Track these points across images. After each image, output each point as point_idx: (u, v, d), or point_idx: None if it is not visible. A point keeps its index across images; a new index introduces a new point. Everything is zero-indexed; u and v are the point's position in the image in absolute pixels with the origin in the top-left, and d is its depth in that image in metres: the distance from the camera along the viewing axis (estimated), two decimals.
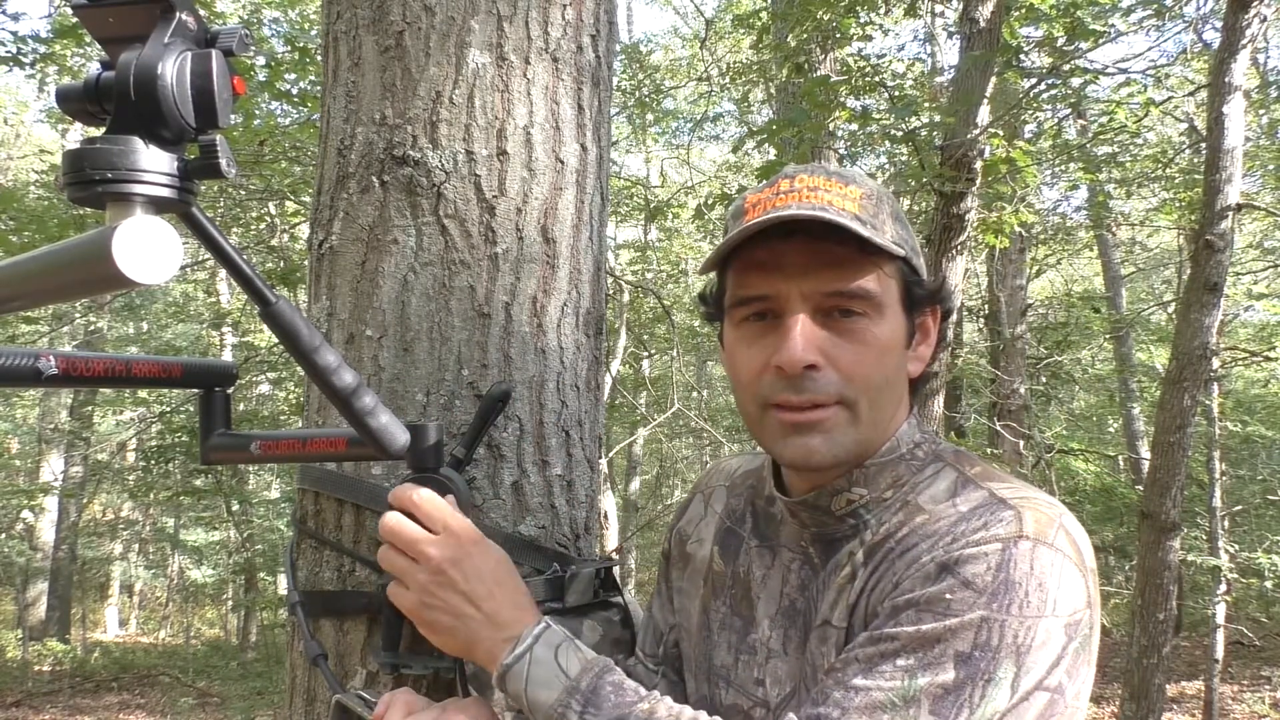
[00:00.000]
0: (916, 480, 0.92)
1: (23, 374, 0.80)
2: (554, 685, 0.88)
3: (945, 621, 0.78)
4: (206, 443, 1.01)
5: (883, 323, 0.90)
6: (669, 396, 9.63)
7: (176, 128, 0.60)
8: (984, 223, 5.50)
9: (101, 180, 0.58)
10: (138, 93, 0.58)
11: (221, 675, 12.00)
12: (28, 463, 16.32)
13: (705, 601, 1.06)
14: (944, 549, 0.82)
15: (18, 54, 6.25)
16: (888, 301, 0.91)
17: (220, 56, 0.60)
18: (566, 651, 0.91)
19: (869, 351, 0.89)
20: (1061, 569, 0.80)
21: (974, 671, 0.77)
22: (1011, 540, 0.80)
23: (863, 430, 0.91)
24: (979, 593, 0.78)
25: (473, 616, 0.92)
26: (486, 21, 1.27)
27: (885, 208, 0.92)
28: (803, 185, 0.91)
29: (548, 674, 0.88)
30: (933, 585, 0.80)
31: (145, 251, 0.56)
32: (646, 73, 11.37)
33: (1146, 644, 4.98)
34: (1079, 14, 5.07)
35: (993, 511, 0.83)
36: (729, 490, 1.12)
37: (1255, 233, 11.81)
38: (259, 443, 1.00)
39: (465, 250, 1.24)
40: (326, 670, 1.16)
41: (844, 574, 0.91)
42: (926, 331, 0.98)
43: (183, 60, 0.59)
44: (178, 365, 0.96)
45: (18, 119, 15.68)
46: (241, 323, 12.06)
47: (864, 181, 0.94)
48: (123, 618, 18.22)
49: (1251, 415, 10.59)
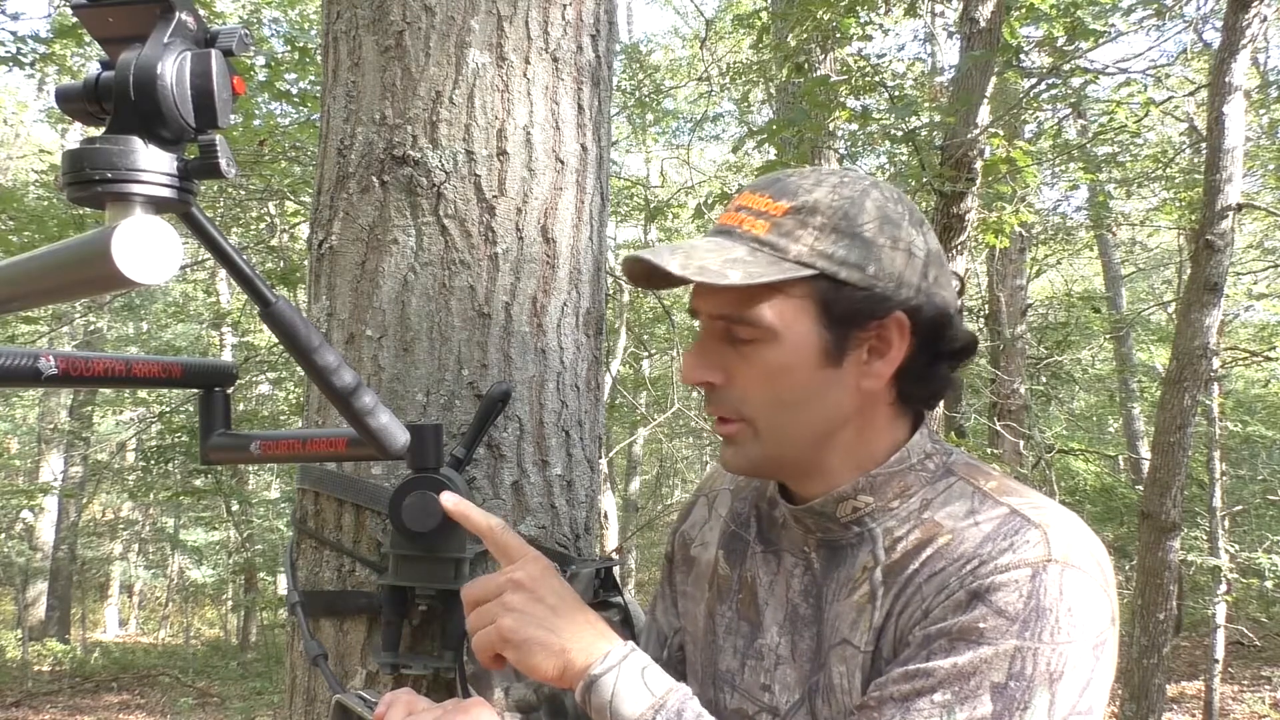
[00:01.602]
0: (929, 496, 0.92)
1: (23, 374, 0.80)
2: (640, 702, 0.88)
3: (979, 651, 0.79)
4: (206, 443, 1.01)
5: (777, 346, 0.89)
6: (669, 396, 9.64)
7: (176, 128, 0.60)
8: (984, 223, 5.50)
9: (101, 180, 0.58)
10: (137, 92, 0.58)
11: (221, 675, 12.01)
12: (27, 463, 16.32)
13: (710, 606, 1.06)
14: (973, 574, 0.83)
15: (17, 54, 6.25)
16: (786, 324, 0.89)
17: (220, 56, 0.60)
18: (653, 673, 0.91)
19: (757, 374, 0.91)
20: (1088, 591, 0.82)
21: (1010, 703, 0.78)
22: (1040, 565, 0.82)
23: (767, 447, 0.93)
24: (1011, 621, 0.80)
25: (563, 629, 0.91)
26: (486, 21, 1.27)
27: (816, 220, 0.88)
28: (738, 203, 0.94)
29: (635, 690, 0.89)
30: (964, 615, 0.81)
31: (144, 251, 0.56)
32: (646, 73, 11.37)
33: (1146, 644, 4.98)
34: (1079, 14, 5.07)
35: (1018, 532, 0.85)
36: (733, 494, 1.12)
37: (1255, 233, 11.81)
38: (259, 443, 0.99)
39: (465, 250, 1.24)
40: (326, 670, 1.16)
41: (862, 593, 0.91)
42: (886, 342, 0.91)
43: (182, 60, 0.59)
44: (178, 365, 0.97)
45: (17, 119, 15.68)
46: (241, 323, 12.06)
47: (809, 190, 0.90)
48: (123, 618, 18.23)
49: (1251, 415, 10.60)
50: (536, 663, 0.90)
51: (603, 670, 0.89)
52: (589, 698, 0.89)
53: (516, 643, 0.90)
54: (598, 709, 0.89)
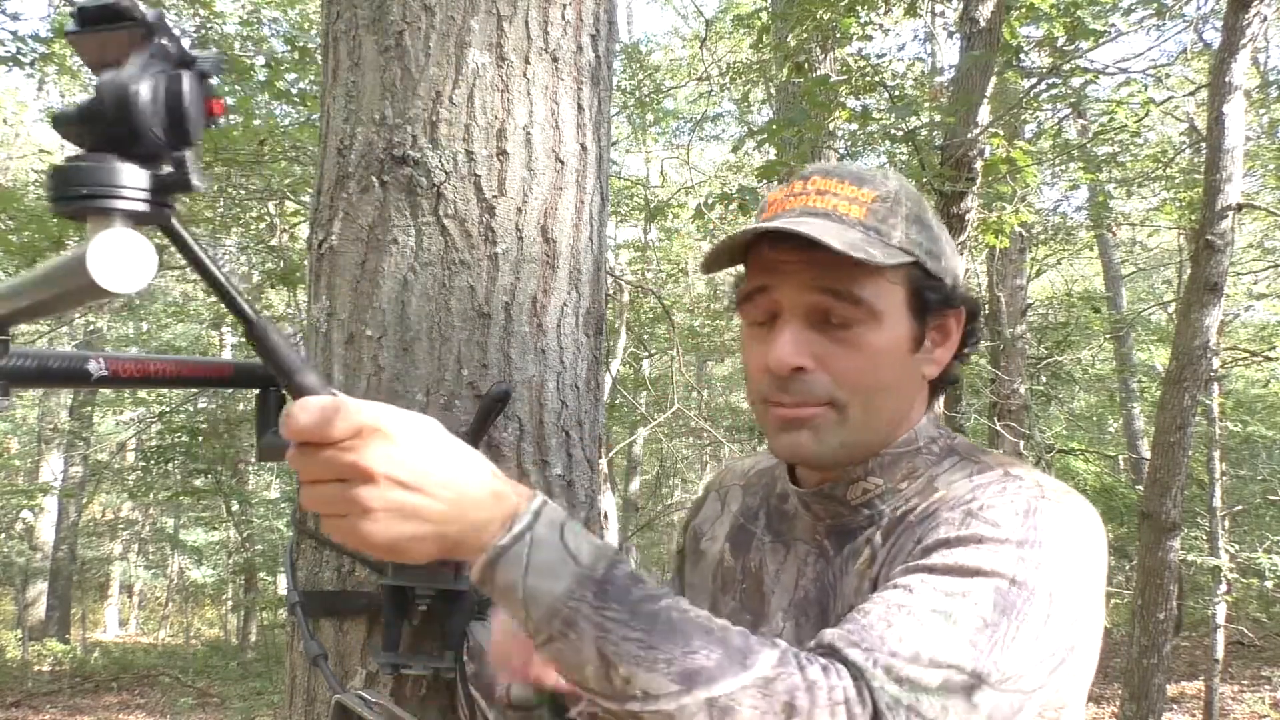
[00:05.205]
0: (934, 472, 0.94)
1: (74, 375, 0.85)
2: (561, 573, 0.71)
3: (980, 551, 0.79)
4: (261, 441, 1.04)
5: (879, 329, 0.90)
6: (669, 396, 9.63)
7: (150, 145, 0.62)
8: (984, 223, 5.50)
9: (80, 196, 0.61)
10: (113, 111, 0.61)
11: (221, 675, 12.00)
12: (27, 463, 16.32)
13: (714, 597, 1.06)
14: (967, 503, 0.84)
15: (17, 54, 6.25)
16: (886, 307, 0.90)
17: (193, 77, 0.63)
18: (574, 532, 0.73)
19: (861, 357, 0.90)
20: (1082, 519, 0.83)
21: (1009, 608, 0.76)
22: (1035, 495, 0.83)
23: (851, 432, 0.92)
24: (1010, 532, 0.80)
25: (437, 510, 0.70)
26: (486, 21, 1.27)
27: (902, 209, 0.92)
28: (813, 188, 0.92)
29: (553, 558, 0.71)
30: (962, 529, 0.81)
31: (119, 262, 0.60)
32: (646, 73, 11.37)
33: (1146, 644, 4.98)
34: (1079, 14, 5.07)
35: (1011, 480, 0.86)
36: (744, 489, 1.13)
37: (1255, 233, 11.80)
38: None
39: (465, 250, 1.24)
40: (326, 670, 1.16)
41: (863, 559, 0.92)
42: (946, 333, 0.97)
43: (157, 80, 0.62)
44: (229, 366, 1.00)
45: (17, 119, 15.67)
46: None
47: (882, 182, 0.93)
48: (122, 618, 18.23)
49: (1252, 415, 10.59)
50: (412, 556, 0.71)
51: (509, 540, 0.71)
52: (491, 576, 0.72)
53: (384, 548, 0.70)
54: (504, 590, 0.72)
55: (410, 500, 0.69)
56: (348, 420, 0.68)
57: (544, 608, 0.71)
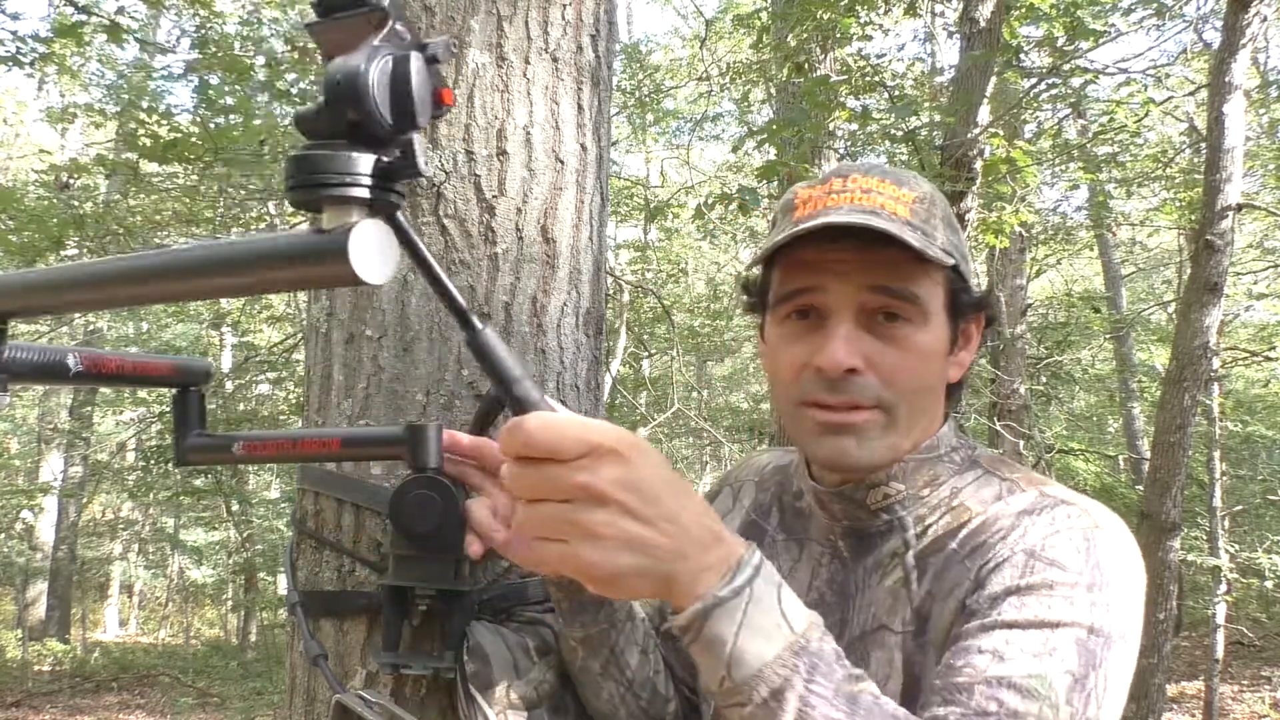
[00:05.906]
0: (958, 485, 0.93)
1: (55, 371, 0.82)
2: (775, 637, 0.68)
3: (1054, 599, 0.79)
4: (185, 443, 0.97)
5: (927, 329, 0.90)
6: (669, 396, 9.64)
7: (378, 128, 0.61)
8: (984, 223, 5.50)
9: (320, 184, 0.61)
10: (344, 95, 0.60)
11: (221, 675, 12.00)
12: (27, 463, 16.32)
13: None
14: (1020, 538, 0.84)
15: (17, 54, 6.25)
16: (933, 308, 0.90)
17: (420, 59, 0.62)
18: (788, 593, 0.70)
19: (911, 358, 0.89)
20: (1129, 544, 0.85)
21: (1092, 660, 0.78)
22: (1087, 525, 0.84)
23: (898, 436, 0.91)
24: (1077, 574, 0.80)
25: (663, 546, 0.66)
26: (486, 21, 1.27)
27: (938, 212, 0.92)
28: (855, 186, 0.91)
29: (769, 620, 0.68)
30: (1028, 574, 0.81)
31: (373, 252, 0.60)
32: (646, 73, 11.37)
33: (1146, 644, 4.98)
34: (1079, 14, 5.07)
35: (1054, 507, 0.86)
36: (758, 486, 1.12)
37: (1255, 233, 11.81)
38: (242, 443, 0.97)
39: (465, 250, 1.24)
40: (326, 670, 1.16)
41: (895, 579, 0.91)
42: (969, 338, 0.97)
43: (384, 63, 0.61)
44: (166, 364, 0.96)
45: (18, 119, 15.68)
46: (241, 322, 12.05)
47: (917, 184, 0.93)
48: (122, 618, 18.22)
49: (1252, 415, 10.59)
50: (627, 592, 0.68)
51: (729, 593, 0.68)
52: (701, 627, 0.68)
53: (604, 579, 0.67)
54: (709, 642, 0.68)
55: (639, 532, 0.66)
56: (581, 437, 0.65)
57: (750, 670, 0.68)
